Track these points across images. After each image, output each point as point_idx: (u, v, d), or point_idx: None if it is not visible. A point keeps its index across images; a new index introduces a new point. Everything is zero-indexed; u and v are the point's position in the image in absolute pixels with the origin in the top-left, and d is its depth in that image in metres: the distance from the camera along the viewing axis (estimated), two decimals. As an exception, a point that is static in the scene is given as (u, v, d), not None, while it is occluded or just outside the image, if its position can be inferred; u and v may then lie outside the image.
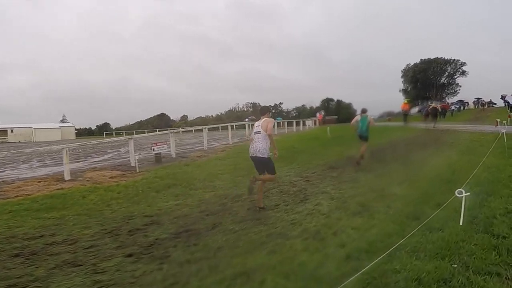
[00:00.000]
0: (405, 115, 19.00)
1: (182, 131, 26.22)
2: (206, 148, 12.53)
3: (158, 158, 9.89)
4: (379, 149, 10.05)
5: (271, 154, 4.89)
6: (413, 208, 4.24)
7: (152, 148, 9.87)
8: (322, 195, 5.57)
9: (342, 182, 6.54)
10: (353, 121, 8.49)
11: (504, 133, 8.09)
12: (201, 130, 14.45)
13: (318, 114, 32.81)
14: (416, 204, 4.48)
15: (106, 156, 12.67)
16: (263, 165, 4.88)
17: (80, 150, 16.67)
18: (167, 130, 19.82)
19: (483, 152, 8.34)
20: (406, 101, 19.52)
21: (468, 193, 3.37)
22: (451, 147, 9.90)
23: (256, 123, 5.06)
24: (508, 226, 3.30)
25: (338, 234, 3.64)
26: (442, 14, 78.28)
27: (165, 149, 10.08)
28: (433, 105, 20.52)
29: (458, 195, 3.33)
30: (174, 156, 10.67)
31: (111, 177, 7.75)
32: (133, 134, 15.74)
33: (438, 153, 8.75)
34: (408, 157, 8.66)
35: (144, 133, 25.16)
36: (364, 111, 8.28)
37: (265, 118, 4.95)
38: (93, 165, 10.03)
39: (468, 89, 54.03)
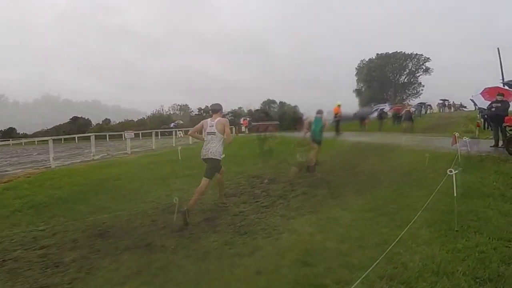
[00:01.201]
0: (337, 122, 13.95)
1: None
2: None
3: None
4: (231, 192, 5.48)
5: (223, 155, 4.59)
6: None
7: None
8: None
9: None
10: (306, 124, 7.13)
11: (454, 175, 3.58)
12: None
13: (242, 120, 27.98)
14: None
15: None
16: (212, 166, 4.49)
17: None
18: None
19: (420, 206, 4.01)
20: (338, 104, 14.39)
21: None
22: (366, 189, 5.25)
23: (209, 123, 4.55)
24: None
25: None
26: (400, 3, 74.50)
27: None
28: (408, 108, 16.09)
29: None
30: None
31: None
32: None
33: (321, 212, 4.21)
34: (262, 225, 4.02)
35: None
36: (319, 112, 7.19)
37: (219, 119, 4.56)
38: None
39: (434, 90, 50.21)
